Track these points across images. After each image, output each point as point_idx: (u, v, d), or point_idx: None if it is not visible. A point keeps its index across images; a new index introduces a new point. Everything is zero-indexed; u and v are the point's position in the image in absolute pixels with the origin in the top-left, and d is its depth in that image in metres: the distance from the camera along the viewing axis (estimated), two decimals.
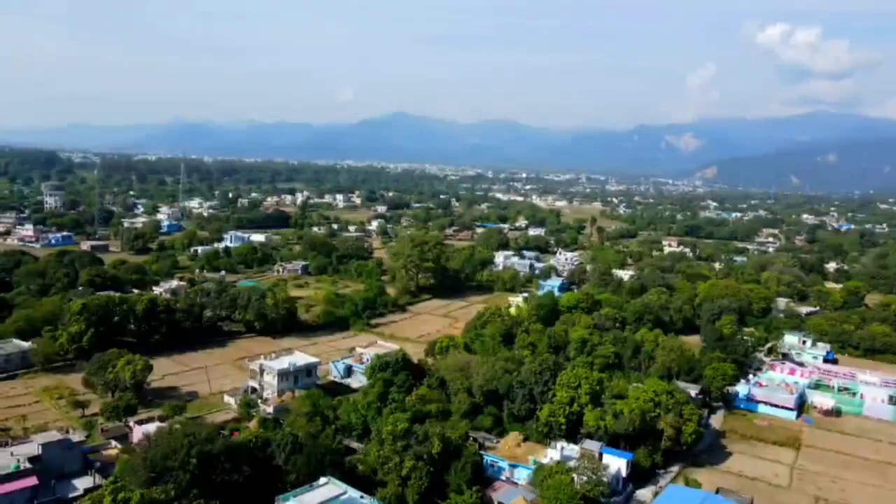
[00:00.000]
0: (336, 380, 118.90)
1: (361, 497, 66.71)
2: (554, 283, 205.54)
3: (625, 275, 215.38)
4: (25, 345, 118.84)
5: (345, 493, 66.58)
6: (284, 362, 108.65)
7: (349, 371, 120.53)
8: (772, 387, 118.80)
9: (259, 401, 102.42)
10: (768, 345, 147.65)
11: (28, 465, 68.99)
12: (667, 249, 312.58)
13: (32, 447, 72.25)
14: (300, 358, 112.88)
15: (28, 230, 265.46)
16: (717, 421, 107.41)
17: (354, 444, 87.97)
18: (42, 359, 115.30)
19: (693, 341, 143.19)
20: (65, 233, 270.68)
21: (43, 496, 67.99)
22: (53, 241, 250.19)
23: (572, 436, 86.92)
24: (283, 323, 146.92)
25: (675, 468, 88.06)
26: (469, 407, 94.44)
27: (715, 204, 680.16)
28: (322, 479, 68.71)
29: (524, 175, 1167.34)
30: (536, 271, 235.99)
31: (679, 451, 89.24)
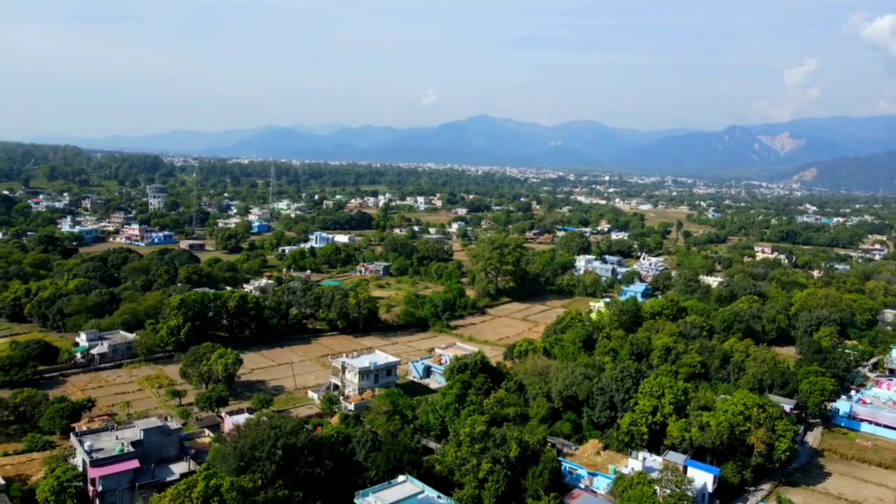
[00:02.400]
0: (415, 380, 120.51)
1: (438, 497, 67.24)
2: (637, 288, 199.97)
3: (713, 281, 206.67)
4: (130, 336, 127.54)
5: (422, 492, 67.33)
6: (365, 361, 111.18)
7: (428, 372, 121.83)
8: (877, 404, 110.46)
9: (341, 397, 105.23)
10: (873, 359, 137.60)
11: (131, 449, 73.81)
12: (759, 256, 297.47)
13: (135, 432, 77.22)
14: (381, 357, 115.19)
15: (134, 229, 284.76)
16: (813, 439, 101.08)
17: (432, 444, 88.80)
18: (144, 350, 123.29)
19: (787, 353, 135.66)
20: (166, 232, 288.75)
21: (143, 479, 72.58)
22: (156, 240, 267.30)
23: (655, 446, 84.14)
24: (365, 322, 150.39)
25: (766, 486, 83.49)
26: (547, 412, 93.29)
27: (814, 208, 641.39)
28: (400, 478, 69.79)
29: (607, 178, 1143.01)
30: (619, 276, 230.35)
31: (771, 468, 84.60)
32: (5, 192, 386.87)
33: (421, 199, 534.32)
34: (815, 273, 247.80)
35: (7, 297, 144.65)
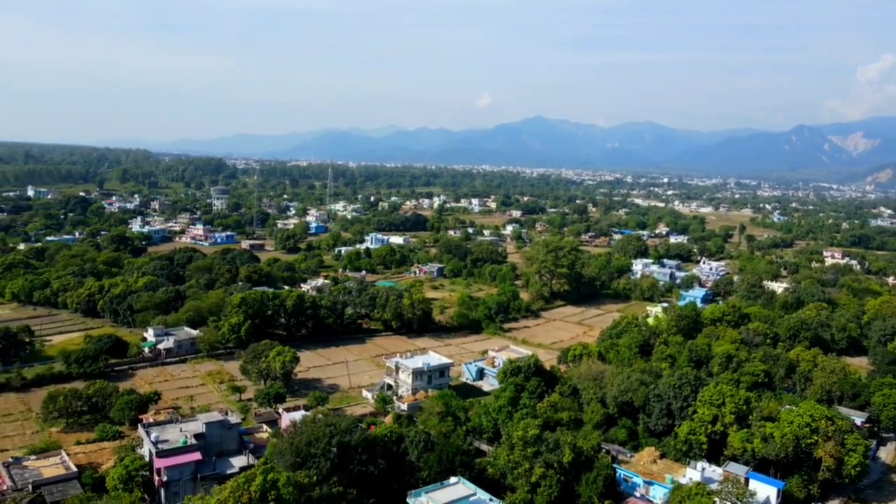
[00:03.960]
0: (468, 382, 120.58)
1: (490, 500, 67.05)
2: (697, 293, 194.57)
3: (778, 287, 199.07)
4: (194, 332, 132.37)
5: (474, 494, 67.28)
6: (419, 362, 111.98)
7: (481, 374, 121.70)
8: None
9: (394, 397, 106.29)
10: None
11: (194, 442, 76.62)
12: (829, 261, 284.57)
13: (198, 425, 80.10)
14: (434, 358, 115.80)
15: (199, 229, 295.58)
16: (887, 454, 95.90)
17: (484, 447, 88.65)
18: (207, 346, 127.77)
19: (858, 364, 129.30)
20: (228, 232, 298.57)
21: (205, 470, 75.17)
22: (219, 240, 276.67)
23: (714, 457, 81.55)
24: (419, 323, 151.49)
25: (834, 503, 79.75)
26: (602, 418, 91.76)
27: (889, 211, 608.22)
28: (453, 479, 69.94)
29: (666, 180, 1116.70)
30: (677, 281, 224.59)
31: (840, 484, 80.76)
32: (82, 194, 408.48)
33: (475, 201, 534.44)
34: (890, 280, 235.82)
35: (82, 293, 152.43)
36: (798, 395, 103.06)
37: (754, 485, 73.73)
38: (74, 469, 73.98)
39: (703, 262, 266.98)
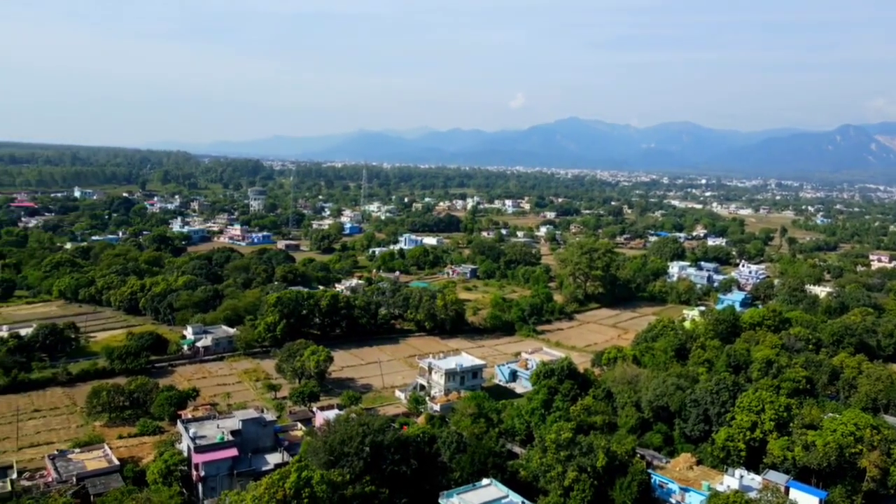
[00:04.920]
0: (501, 383, 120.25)
1: (523, 503, 66.73)
2: (735, 297, 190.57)
3: (820, 292, 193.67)
4: (231, 331, 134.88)
5: (506, 496, 67.03)
6: (452, 363, 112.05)
7: (514, 376, 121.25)
8: None
9: (427, 398, 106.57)
10: None
11: (231, 438, 78.04)
12: (875, 265, 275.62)
13: (234, 422, 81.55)
14: (467, 359, 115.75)
15: (236, 230, 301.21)
16: None
17: (517, 449, 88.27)
18: (243, 344, 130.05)
19: None
20: (265, 233, 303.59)
21: (241, 467, 76.51)
22: (255, 240, 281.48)
23: (753, 464, 79.71)
24: (452, 324, 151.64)
25: None
26: (637, 422, 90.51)
27: None
28: (485, 481, 69.80)
29: (703, 181, 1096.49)
30: (715, 284, 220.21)
31: (885, 495, 78.05)
32: (125, 195, 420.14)
33: (509, 203, 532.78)
34: None
35: (125, 291, 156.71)
36: (842, 403, 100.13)
37: (795, 494, 71.83)
38: (116, 462, 76.03)
39: (743, 265, 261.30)
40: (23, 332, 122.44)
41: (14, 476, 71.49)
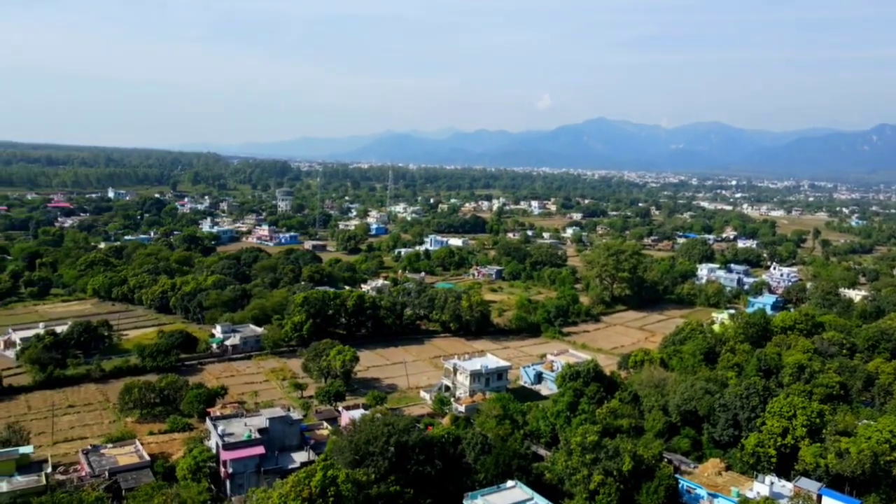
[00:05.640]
0: (526, 385, 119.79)
1: None
2: (766, 300, 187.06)
3: (855, 295, 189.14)
4: (259, 330, 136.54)
5: (531, 499, 66.74)
6: (477, 364, 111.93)
7: (539, 378, 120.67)
8: None
9: (452, 399, 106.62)
10: None
11: (258, 436, 79.06)
12: None
13: (262, 420, 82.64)
14: (492, 361, 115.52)
15: (264, 230, 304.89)
16: None
17: (542, 451, 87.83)
18: (271, 343, 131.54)
19: None
20: (292, 233, 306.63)
21: (267, 464, 77.48)
22: (283, 240, 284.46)
23: (784, 471, 78.13)
24: (477, 325, 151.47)
25: None
26: (664, 426, 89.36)
27: None
28: (510, 482, 69.59)
29: (733, 182, 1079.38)
30: (745, 287, 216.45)
31: None
32: (157, 196, 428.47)
33: (535, 204, 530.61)
34: None
35: (156, 290, 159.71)
36: (877, 410, 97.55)
37: (827, 502, 70.27)
38: (147, 458, 77.53)
39: (774, 268, 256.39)
40: (58, 329, 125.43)
41: (49, 470, 73.30)
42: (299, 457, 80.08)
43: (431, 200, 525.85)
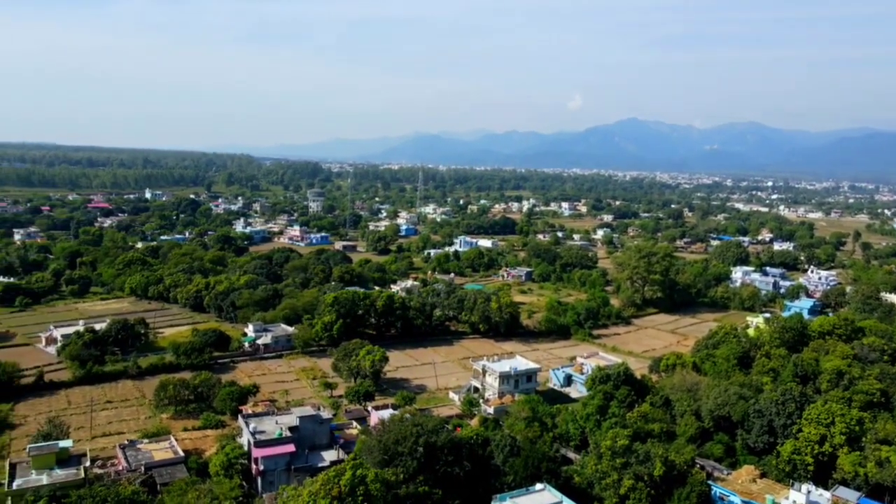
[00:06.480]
0: (555, 387, 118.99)
1: None
2: (804, 304, 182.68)
3: None
4: (290, 329, 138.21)
5: (560, 502, 66.19)
6: (506, 365, 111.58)
7: (569, 380, 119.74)
8: None
9: (480, 400, 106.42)
10: None
11: (288, 434, 80.00)
12: None
13: (292, 419, 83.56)
14: (521, 363, 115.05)
15: (295, 231, 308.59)
16: None
17: (571, 455, 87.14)
18: (301, 342, 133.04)
19: None
20: (323, 233, 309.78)
21: (298, 462, 78.31)
22: (314, 241, 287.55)
23: (821, 480, 76.18)
24: (506, 327, 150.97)
25: None
26: (696, 431, 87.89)
27: None
28: (538, 485, 69.16)
29: (770, 183, 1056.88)
30: (781, 290, 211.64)
31: None
32: (192, 196, 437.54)
33: (565, 205, 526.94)
34: None
35: (191, 289, 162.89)
36: None
37: None
38: (181, 454, 79.07)
39: (812, 271, 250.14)
40: (97, 326, 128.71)
41: (87, 464, 75.28)
42: (329, 455, 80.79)
43: (461, 202, 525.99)
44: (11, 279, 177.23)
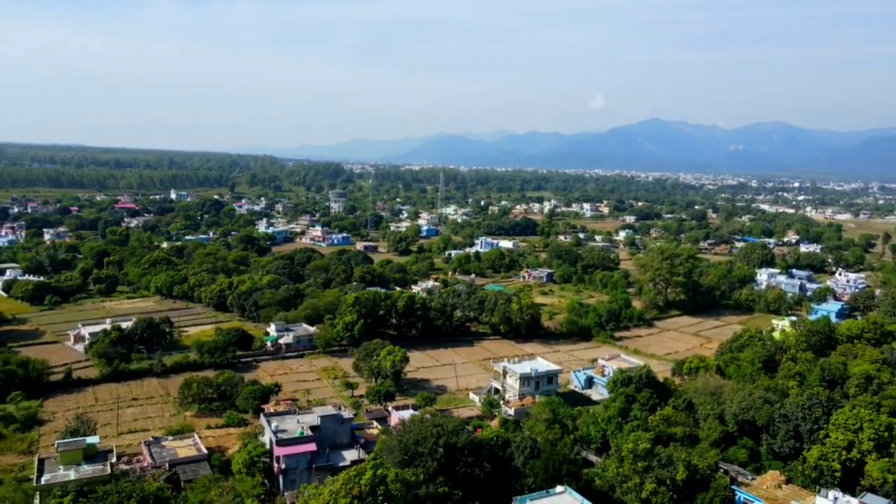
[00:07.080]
0: (576, 390, 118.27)
1: None
2: (831, 307, 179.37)
3: None
4: (312, 329, 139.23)
5: None
6: (527, 367, 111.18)
7: (590, 382, 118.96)
8: None
9: (501, 402, 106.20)
10: None
11: (310, 433, 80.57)
12: None
13: (313, 418, 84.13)
14: (542, 364, 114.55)
15: (317, 231, 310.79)
16: None
17: (592, 457, 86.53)
18: (323, 342, 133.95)
19: None
20: (344, 234, 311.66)
21: (319, 461, 78.80)
22: (335, 241, 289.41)
23: (849, 486, 74.71)
24: (527, 328, 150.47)
25: None
26: (720, 435, 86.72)
27: None
28: (559, 488, 68.80)
29: (796, 184, 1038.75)
30: (808, 293, 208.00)
31: None
32: (216, 197, 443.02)
33: (587, 206, 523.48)
34: None
35: (214, 289, 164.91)
36: None
37: None
38: (205, 451, 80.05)
39: (840, 274, 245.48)
40: (124, 325, 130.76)
41: (113, 460, 76.58)
42: (350, 455, 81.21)
43: (482, 202, 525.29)
44: (41, 278, 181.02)
